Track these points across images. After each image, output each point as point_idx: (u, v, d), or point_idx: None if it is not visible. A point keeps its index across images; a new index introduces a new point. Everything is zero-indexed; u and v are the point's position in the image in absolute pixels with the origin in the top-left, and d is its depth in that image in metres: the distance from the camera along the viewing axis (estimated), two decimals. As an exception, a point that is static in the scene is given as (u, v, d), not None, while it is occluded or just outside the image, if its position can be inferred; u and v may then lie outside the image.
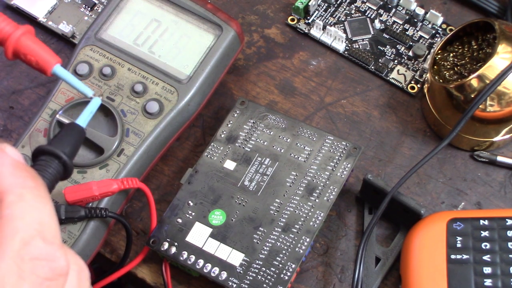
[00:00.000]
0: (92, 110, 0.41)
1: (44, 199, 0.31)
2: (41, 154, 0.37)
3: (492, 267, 0.48)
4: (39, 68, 0.39)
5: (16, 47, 0.39)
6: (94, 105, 0.42)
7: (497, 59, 0.52)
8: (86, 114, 0.41)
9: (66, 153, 0.37)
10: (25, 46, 0.39)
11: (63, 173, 0.38)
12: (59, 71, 0.40)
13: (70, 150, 0.38)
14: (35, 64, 0.40)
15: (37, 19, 0.64)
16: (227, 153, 0.55)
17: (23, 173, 0.31)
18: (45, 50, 0.40)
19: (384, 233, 0.55)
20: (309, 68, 0.62)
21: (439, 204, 0.56)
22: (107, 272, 0.53)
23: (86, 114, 0.41)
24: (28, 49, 0.39)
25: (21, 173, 0.31)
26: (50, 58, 0.40)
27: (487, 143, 0.57)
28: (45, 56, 0.40)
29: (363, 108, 0.60)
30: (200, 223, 0.52)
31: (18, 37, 0.39)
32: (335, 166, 0.53)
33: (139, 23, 0.58)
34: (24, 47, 0.39)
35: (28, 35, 0.39)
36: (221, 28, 0.57)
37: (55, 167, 0.37)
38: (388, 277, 0.53)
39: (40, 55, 0.39)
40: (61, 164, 0.37)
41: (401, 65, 0.61)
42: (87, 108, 0.42)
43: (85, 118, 0.41)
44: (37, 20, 0.64)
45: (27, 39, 0.39)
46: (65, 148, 0.38)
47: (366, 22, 0.63)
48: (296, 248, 0.50)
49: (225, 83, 0.61)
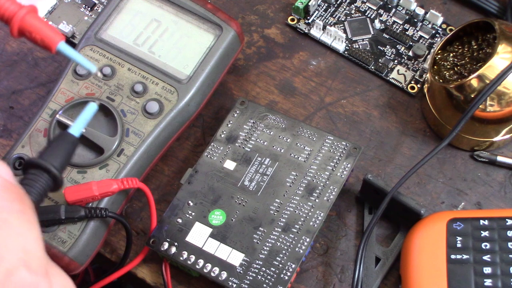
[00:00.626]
0: (86, 117, 0.42)
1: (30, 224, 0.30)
2: (31, 167, 0.37)
3: (492, 267, 0.48)
4: (44, 46, 0.40)
5: (21, 25, 0.40)
6: (89, 112, 0.42)
7: (497, 59, 0.52)
8: (81, 122, 0.41)
9: (56, 166, 0.37)
10: (30, 24, 0.40)
11: (53, 186, 0.38)
12: (63, 48, 0.41)
13: (61, 162, 0.38)
14: (40, 42, 0.40)
15: (37, 19, 0.64)
16: (227, 153, 0.55)
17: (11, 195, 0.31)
18: (49, 28, 0.41)
19: (384, 233, 0.55)
20: (309, 68, 0.62)
21: (439, 204, 0.56)
22: (107, 272, 0.53)
23: (80, 122, 0.41)
24: (33, 27, 0.40)
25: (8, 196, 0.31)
26: (54, 35, 0.41)
27: (487, 143, 0.57)
28: (50, 34, 0.40)
29: (363, 108, 0.60)
30: (200, 223, 0.52)
31: (23, 15, 0.40)
32: (335, 166, 0.53)
33: (139, 23, 0.58)
34: (29, 25, 0.40)
35: (32, 13, 0.40)
36: (221, 28, 0.57)
37: (44, 180, 0.37)
38: (388, 277, 0.53)
39: (44, 32, 0.40)
40: (51, 177, 0.37)
41: (401, 65, 0.61)
42: (82, 115, 0.42)
43: (79, 126, 0.41)
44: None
45: (32, 17, 0.40)
46: (56, 160, 0.38)
47: (366, 22, 0.63)
48: (296, 248, 0.50)
49: (225, 83, 0.61)
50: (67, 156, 0.39)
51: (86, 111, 0.42)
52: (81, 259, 0.51)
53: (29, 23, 0.40)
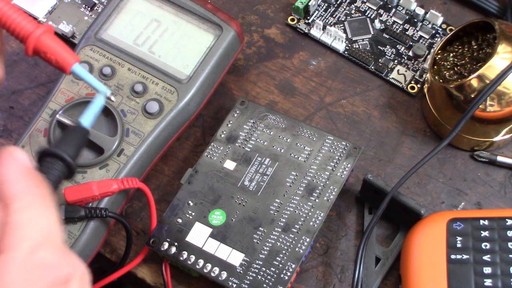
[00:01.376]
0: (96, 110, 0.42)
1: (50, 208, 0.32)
2: (47, 155, 0.38)
3: (492, 267, 0.48)
4: (58, 67, 0.41)
5: (37, 45, 0.40)
6: (98, 104, 0.42)
7: (497, 59, 0.52)
8: (91, 114, 0.42)
9: (71, 155, 0.39)
10: (45, 44, 0.40)
11: (67, 174, 0.39)
12: (78, 69, 0.41)
13: (74, 152, 0.39)
14: (55, 63, 0.41)
15: (37, 19, 0.64)
16: (227, 153, 0.55)
17: (32, 181, 0.33)
18: (64, 49, 0.41)
19: (384, 233, 0.55)
20: (309, 68, 0.62)
21: (439, 204, 0.56)
22: (107, 272, 0.53)
23: (90, 114, 0.42)
24: (48, 48, 0.40)
25: (30, 180, 0.32)
26: (69, 57, 0.41)
27: (487, 143, 0.57)
28: (65, 55, 0.41)
29: (363, 108, 0.60)
30: (200, 223, 0.52)
31: (38, 35, 0.40)
32: (335, 166, 0.53)
33: (139, 23, 0.58)
34: (44, 45, 0.40)
35: (48, 34, 0.40)
36: (221, 28, 0.57)
37: (59, 169, 0.38)
38: (388, 277, 0.53)
39: (59, 54, 0.41)
40: (66, 165, 0.38)
41: (401, 65, 0.61)
42: (91, 108, 0.42)
43: (90, 118, 0.41)
44: (37, 20, 0.64)
45: (47, 38, 0.40)
46: (70, 150, 0.39)
47: (366, 22, 0.63)
48: (296, 248, 0.50)
49: (225, 83, 0.61)
50: (80, 146, 0.40)
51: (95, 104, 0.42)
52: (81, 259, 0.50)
53: (44, 43, 0.40)
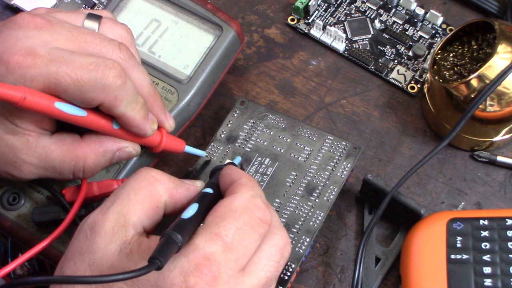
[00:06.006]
0: None
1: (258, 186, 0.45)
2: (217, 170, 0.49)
3: (492, 267, 0.48)
4: (175, 152, 0.53)
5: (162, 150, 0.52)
6: None
7: (497, 59, 0.52)
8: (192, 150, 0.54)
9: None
10: (167, 147, 0.52)
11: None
12: (188, 149, 0.53)
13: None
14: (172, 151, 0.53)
15: (37, 19, 0.64)
16: (227, 153, 0.55)
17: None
18: (174, 140, 0.52)
19: (384, 233, 0.55)
20: (309, 68, 0.62)
21: (439, 204, 0.56)
22: (107, 272, 0.54)
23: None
24: (168, 148, 0.52)
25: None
26: (180, 144, 0.53)
27: (487, 143, 0.57)
28: (178, 145, 0.53)
29: (363, 108, 0.60)
30: (200, 223, 0.52)
31: (164, 145, 0.51)
32: (335, 166, 0.53)
33: (139, 23, 0.58)
34: (166, 148, 0.52)
35: (166, 138, 0.52)
36: (221, 28, 0.57)
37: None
38: (388, 277, 0.53)
39: (174, 146, 0.52)
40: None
41: (401, 65, 0.61)
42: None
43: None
44: (37, 20, 0.64)
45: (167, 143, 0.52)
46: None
47: (366, 22, 0.63)
48: (296, 248, 0.50)
49: (225, 83, 0.61)
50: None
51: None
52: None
53: (167, 147, 0.52)
